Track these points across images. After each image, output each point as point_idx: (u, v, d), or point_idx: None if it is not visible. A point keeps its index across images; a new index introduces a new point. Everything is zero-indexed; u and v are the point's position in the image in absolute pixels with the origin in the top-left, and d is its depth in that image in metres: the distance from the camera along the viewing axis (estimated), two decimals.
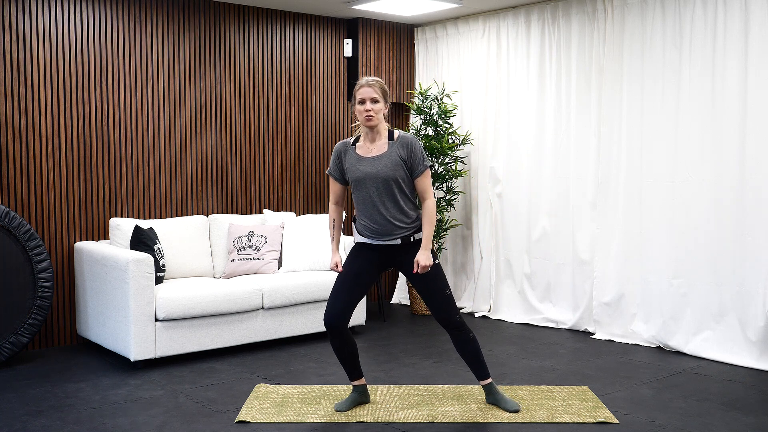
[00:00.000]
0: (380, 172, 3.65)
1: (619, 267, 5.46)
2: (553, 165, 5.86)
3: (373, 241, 3.73)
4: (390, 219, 3.68)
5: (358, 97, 3.68)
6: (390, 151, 3.68)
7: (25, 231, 4.76)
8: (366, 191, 3.68)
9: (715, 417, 3.83)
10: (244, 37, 6.02)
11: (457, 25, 6.54)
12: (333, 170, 3.81)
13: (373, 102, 3.66)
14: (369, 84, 3.69)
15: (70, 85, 5.22)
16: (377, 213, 3.68)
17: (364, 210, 3.71)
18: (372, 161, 3.67)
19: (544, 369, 4.73)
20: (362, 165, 3.68)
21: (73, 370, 4.70)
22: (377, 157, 3.68)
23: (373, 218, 3.69)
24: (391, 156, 3.67)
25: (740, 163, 4.79)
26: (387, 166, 3.65)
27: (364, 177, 3.67)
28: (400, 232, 3.70)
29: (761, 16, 4.68)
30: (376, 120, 3.67)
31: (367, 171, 3.66)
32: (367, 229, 3.73)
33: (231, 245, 5.51)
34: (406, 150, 3.68)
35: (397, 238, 3.71)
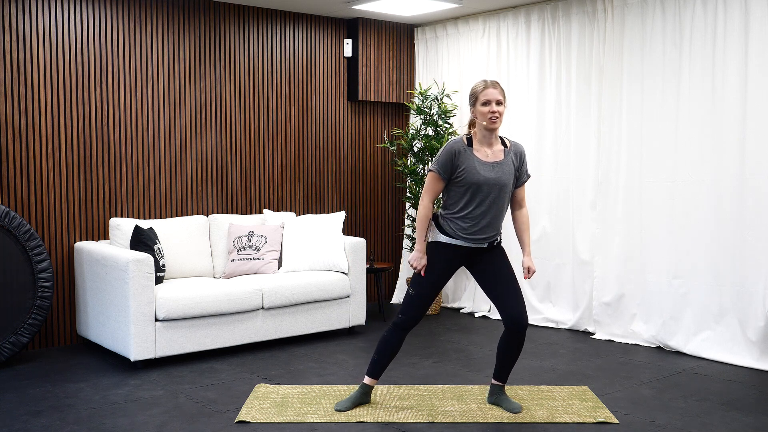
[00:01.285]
0: (500, 179, 3.64)
1: (619, 267, 5.46)
2: (553, 165, 5.86)
3: (465, 243, 3.69)
4: (495, 223, 3.70)
5: (482, 99, 3.61)
6: (507, 159, 3.69)
7: (25, 231, 4.76)
8: (480, 196, 3.63)
9: (715, 417, 3.83)
10: (244, 37, 6.02)
11: (457, 25, 6.54)
12: (444, 168, 3.64)
13: (498, 104, 3.61)
14: (493, 85, 3.63)
15: (70, 85, 5.22)
16: (487, 217, 3.66)
17: (472, 214, 3.65)
18: (492, 167, 3.65)
19: (544, 369, 4.73)
20: (483, 169, 3.63)
21: (73, 370, 4.70)
22: (498, 163, 3.66)
23: (478, 222, 3.66)
24: (509, 164, 3.69)
25: (740, 163, 4.79)
26: (506, 174, 3.67)
27: (485, 182, 3.62)
28: (492, 237, 3.73)
29: (761, 16, 4.68)
30: (500, 123, 3.63)
31: (488, 176, 3.63)
32: (464, 231, 3.67)
33: (231, 245, 5.51)
34: (518, 159, 3.73)
35: (485, 242, 3.72)
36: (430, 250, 3.76)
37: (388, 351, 3.86)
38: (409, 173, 6.40)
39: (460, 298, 6.63)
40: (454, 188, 3.68)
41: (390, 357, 3.88)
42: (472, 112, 3.68)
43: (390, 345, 3.84)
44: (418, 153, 6.35)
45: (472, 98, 3.66)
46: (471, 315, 6.38)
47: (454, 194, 3.69)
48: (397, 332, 3.82)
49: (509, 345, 3.80)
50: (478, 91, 3.63)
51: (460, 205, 3.67)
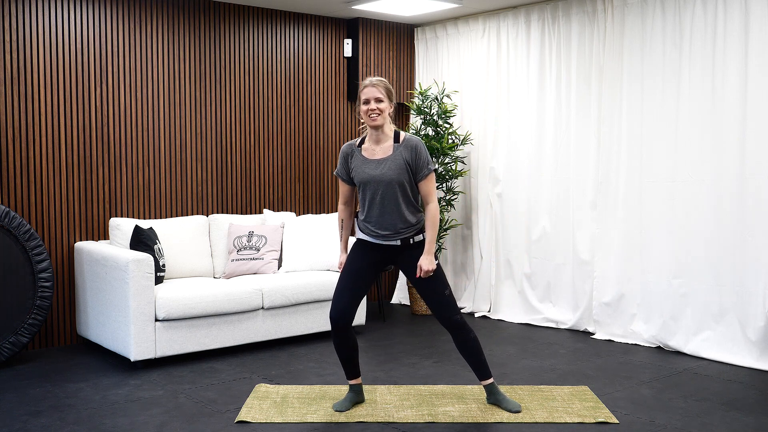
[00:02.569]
0: (384, 175, 3.65)
1: (619, 267, 5.46)
2: (553, 165, 5.86)
3: (374, 240, 3.75)
4: (392, 221, 3.69)
5: (363, 97, 3.67)
6: (395, 154, 3.68)
7: (25, 231, 4.76)
8: (370, 193, 3.69)
9: (715, 417, 3.83)
10: (244, 37, 6.02)
11: (457, 25, 6.54)
12: (340, 171, 3.84)
13: (377, 101, 3.64)
14: (373, 84, 3.67)
15: (70, 85, 5.22)
16: (380, 215, 3.69)
17: (367, 211, 3.73)
18: (377, 164, 3.68)
19: (544, 369, 4.73)
20: (367, 167, 3.69)
21: (73, 370, 4.70)
22: (382, 160, 3.68)
23: (374, 219, 3.71)
24: (396, 159, 3.67)
25: (740, 163, 4.79)
26: (391, 170, 3.65)
27: (369, 179, 3.68)
28: (400, 235, 3.71)
29: (761, 16, 4.68)
30: (380, 120, 3.65)
31: (372, 174, 3.67)
32: (368, 229, 3.75)
33: (231, 245, 5.51)
34: (411, 153, 3.67)
35: (397, 239, 3.72)
36: (353, 246, 3.88)
37: (344, 352, 3.84)
38: None
39: (460, 299, 6.63)
40: (357, 189, 3.80)
41: (350, 355, 3.85)
42: (358, 111, 3.74)
43: (341, 347, 3.82)
44: None
45: (357, 97, 3.74)
46: (471, 315, 6.38)
47: (358, 194, 3.82)
48: (336, 333, 3.79)
49: (457, 344, 3.86)
50: (359, 90, 3.71)
51: (361, 202, 3.79)
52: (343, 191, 3.88)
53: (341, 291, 3.78)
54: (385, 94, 3.67)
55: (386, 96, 3.67)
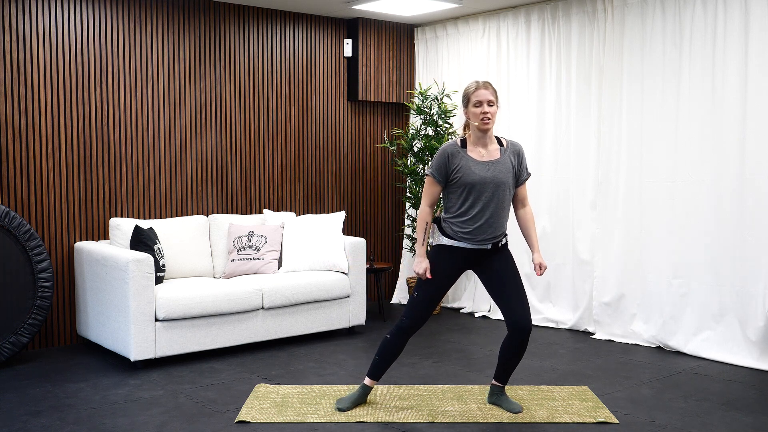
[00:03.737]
0: (497, 177, 3.63)
1: (619, 267, 5.46)
2: (553, 165, 5.86)
3: (467, 245, 3.68)
4: (496, 223, 3.67)
5: (474, 100, 3.61)
6: (504, 158, 3.68)
7: (25, 231, 4.76)
8: (476, 195, 3.63)
9: (715, 417, 3.83)
10: (244, 37, 6.02)
11: (457, 25, 6.54)
12: (438, 172, 3.66)
13: (489, 105, 3.61)
14: (485, 86, 3.62)
15: (70, 85, 5.22)
16: (486, 217, 3.64)
17: (470, 214, 3.64)
18: (488, 166, 3.64)
19: (544, 369, 4.73)
20: (478, 169, 3.63)
21: (73, 370, 4.70)
22: (493, 162, 3.65)
23: (478, 222, 3.64)
24: (506, 162, 3.67)
25: (740, 163, 4.79)
26: (503, 172, 3.65)
27: (481, 181, 3.62)
28: (496, 238, 3.70)
29: (761, 17, 4.68)
30: (491, 124, 3.63)
31: (484, 176, 3.62)
32: (465, 232, 3.66)
33: (231, 245, 5.51)
34: (516, 157, 3.72)
35: (489, 243, 3.70)
36: (434, 253, 3.76)
37: (390, 354, 3.85)
38: (409, 173, 6.40)
39: (460, 298, 6.63)
40: (452, 190, 3.68)
41: (391, 360, 3.88)
42: (465, 113, 3.69)
43: (392, 348, 3.83)
44: (418, 153, 6.35)
45: (465, 99, 3.67)
46: (471, 315, 6.38)
47: (452, 196, 3.69)
48: (400, 335, 3.80)
49: (512, 349, 3.79)
50: (470, 92, 3.64)
51: (459, 206, 3.66)
52: (433, 193, 3.71)
53: (427, 303, 3.74)
54: (496, 97, 3.64)
55: (496, 98, 3.64)
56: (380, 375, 3.92)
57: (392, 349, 3.84)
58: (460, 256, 3.72)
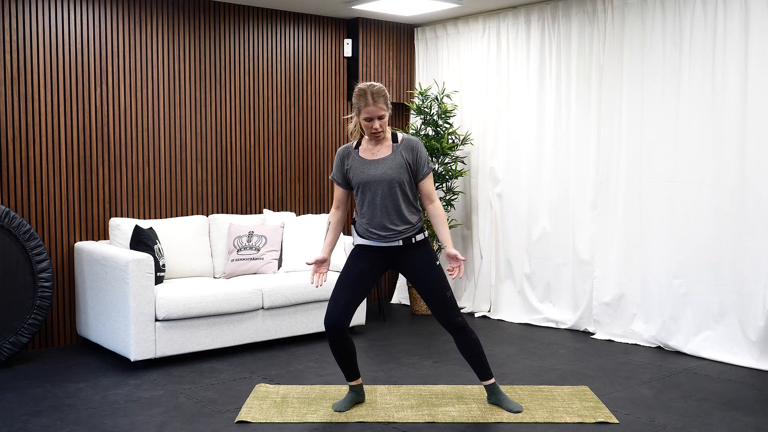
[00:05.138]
0: (385, 175, 3.64)
1: (619, 267, 5.46)
2: (553, 165, 5.86)
3: (375, 243, 3.73)
4: (393, 221, 3.68)
5: (364, 115, 3.61)
6: (394, 155, 3.68)
7: (25, 231, 4.76)
8: (370, 194, 3.67)
9: (715, 417, 3.83)
10: (244, 37, 6.02)
11: (457, 25, 6.54)
12: (336, 175, 3.79)
13: (380, 119, 3.61)
14: (374, 101, 3.57)
15: (70, 85, 5.22)
16: (380, 216, 3.68)
17: (367, 213, 3.71)
18: (376, 164, 3.67)
19: (544, 369, 4.73)
20: (367, 168, 3.68)
21: (73, 370, 4.70)
22: (381, 160, 3.67)
23: (375, 221, 3.69)
24: (396, 159, 3.67)
25: (740, 163, 4.79)
26: (392, 169, 3.65)
27: (369, 180, 3.66)
28: (401, 234, 3.70)
29: (761, 16, 4.68)
30: (383, 135, 3.67)
31: (372, 174, 3.66)
32: (368, 231, 3.72)
33: (231, 245, 5.51)
34: (411, 153, 3.68)
35: (399, 240, 3.71)
36: (352, 251, 3.85)
37: (342, 356, 3.81)
38: None
39: (460, 298, 6.63)
40: (354, 191, 3.76)
41: (348, 359, 3.83)
42: (357, 120, 3.68)
43: (337, 351, 3.79)
44: None
45: (356, 109, 3.65)
46: (471, 315, 6.38)
47: (356, 197, 3.77)
48: (332, 338, 3.75)
49: (461, 347, 3.84)
50: (360, 107, 3.61)
51: (359, 206, 3.75)
52: (337, 195, 3.84)
53: (337, 296, 3.75)
54: (386, 107, 3.62)
55: (387, 108, 3.63)
56: (354, 374, 3.90)
57: (338, 352, 3.79)
58: (374, 254, 3.76)
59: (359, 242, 3.79)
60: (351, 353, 3.83)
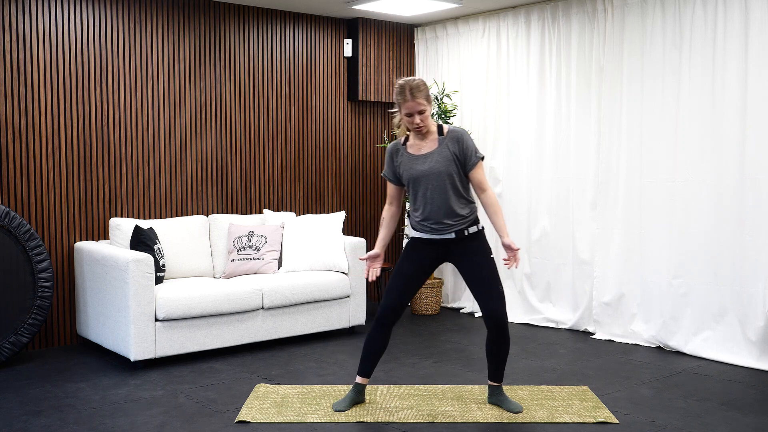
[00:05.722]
0: (432, 169, 3.67)
1: (619, 267, 5.46)
2: (553, 165, 5.86)
3: (428, 236, 3.76)
4: (444, 215, 3.70)
5: (404, 111, 3.64)
6: (441, 148, 3.70)
7: (25, 231, 4.76)
8: (421, 189, 3.70)
9: (715, 417, 3.83)
10: (244, 37, 6.02)
11: (457, 25, 6.54)
12: (387, 172, 3.84)
13: (420, 114, 3.63)
14: (413, 96, 3.59)
15: (70, 85, 5.22)
16: (432, 209, 3.71)
17: (420, 207, 3.74)
18: (424, 159, 3.70)
19: (544, 369, 4.73)
20: (415, 163, 3.71)
21: (73, 370, 4.70)
22: (429, 154, 3.70)
23: (427, 214, 3.72)
24: (443, 152, 3.69)
25: (740, 163, 4.79)
26: (439, 163, 3.68)
27: (418, 175, 3.69)
28: (454, 227, 3.72)
29: (761, 16, 4.68)
30: (425, 128, 3.69)
31: (420, 169, 3.69)
32: (421, 224, 3.76)
33: (231, 245, 5.51)
34: (456, 144, 3.70)
35: (452, 232, 3.73)
36: (406, 245, 3.89)
37: (374, 348, 3.85)
38: None
39: (460, 298, 6.63)
40: (406, 187, 3.81)
41: (377, 354, 3.87)
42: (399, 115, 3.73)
43: (374, 342, 3.84)
44: None
45: (397, 104, 3.69)
46: (471, 315, 6.38)
47: (408, 192, 3.82)
48: (377, 327, 3.82)
49: (492, 343, 3.82)
50: (400, 103, 3.65)
51: (412, 201, 3.80)
52: (389, 191, 3.90)
53: (393, 289, 3.80)
54: (426, 101, 3.63)
55: (427, 103, 3.64)
56: (370, 371, 3.92)
57: (374, 343, 3.84)
58: (428, 247, 3.79)
59: (414, 235, 3.83)
60: (382, 350, 3.88)
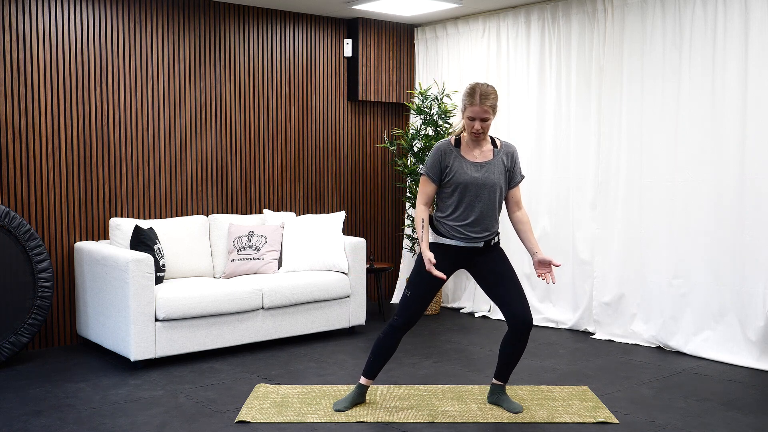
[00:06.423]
0: (488, 178, 3.66)
1: (619, 267, 5.46)
2: (553, 165, 5.86)
3: (459, 243, 3.70)
4: (486, 224, 3.69)
5: (468, 114, 3.61)
6: (496, 159, 3.70)
7: (25, 231, 4.76)
8: (470, 196, 3.65)
9: (715, 417, 3.83)
10: (244, 37, 6.02)
11: (457, 25, 6.54)
12: (433, 170, 3.69)
13: (483, 121, 3.60)
14: (481, 102, 3.56)
15: (70, 85, 5.22)
16: (477, 218, 3.67)
17: (462, 214, 3.67)
18: (482, 167, 3.67)
19: (544, 369, 4.73)
20: (471, 170, 3.66)
21: (73, 370, 4.70)
22: (485, 164, 3.68)
23: (468, 221, 3.67)
24: (498, 164, 3.69)
25: (740, 163, 4.79)
26: (495, 174, 3.67)
27: (473, 182, 3.65)
28: (486, 237, 3.72)
29: (761, 16, 4.68)
30: (484, 137, 3.67)
31: (475, 176, 3.65)
32: (456, 230, 3.69)
33: (231, 245, 5.51)
34: (510, 159, 3.73)
35: (481, 242, 3.72)
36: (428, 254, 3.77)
37: (384, 353, 3.85)
38: (409, 173, 6.40)
39: (460, 298, 6.63)
40: (445, 190, 3.71)
41: (386, 358, 3.87)
42: (462, 115, 3.69)
43: (386, 347, 3.83)
44: (418, 153, 6.35)
45: (463, 106, 3.66)
46: (471, 315, 6.38)
47: (445, 196, 3.72)
48: (393, 334, 3.80)
49: (513, 345, 3.78)
50: (466, 104, 3.62)
51: (451, 205, 3.69)
52: (428, 191, 3.73)
53: (420, 301, 3.75)
54: (492, 111, 3.60)
55: (492, 112, 3.61)
56: (375, 374, 3.92)
57: (386, 348, 3.84)
58: (453, 255, 3.74)
59: (439, 241, 3.74)
60: (392, 355, 3.88)
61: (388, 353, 3.86)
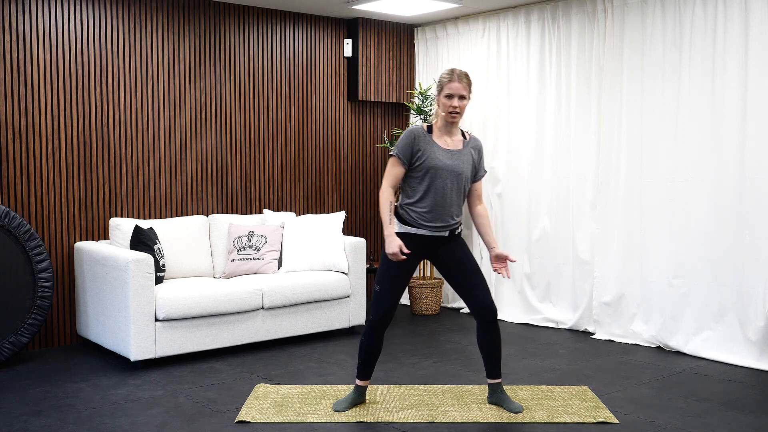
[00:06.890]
0: (458, 167, 3.69)
1: (619, 267, 5.46)
2: (553, 165, 5.86)
3: (424, 232, 3.71)
4: (452, 212, 3.72)
5: (446, 91, 3.63)
6: (466, 150, 3.75)
7: (25, 231, 4.76)
8: (438, 182, 3.67)
9: (715, 417, 3.83)
10: (244, 37, 6.02)
11: (457, 25, 6.54)
12: (403, 152, 3.66)
13: (460, 99, 3.63)
14: (459, 78, 3.62)
15: (70, 85, 5.22)
16: (443, 204, 3.69)
17: (429, 201, 3.68)
18: (452, 155, 3.70)
19: (544, 369, 4.73)
20: (442, 156, 3.68)
21: (73, 370, 4.70)
22: (457, 152, 3.72)
23: (436, 208, 3.69)
24: (467, 155, 3.74)
25: (740, 163, 4.79)
26: (464, 163, 3.71)
27: (443, 167, 3.66)
28: (451, 226, 3.75)
29: (761, 16, 4.68)
30: (459, 119, 3.69)
31: (446, 163, 3.67)
32: (422, 218, 3.69)
33: (231, 245, 5.51)
34: (477, 153, 3.79)
35: (446, 231, 3.74)
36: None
37: (370, 352, 3.84)
38: None
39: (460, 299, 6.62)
40: (414, 175, 3.70)
41: (373, 358, 3.87)
42: (437, 100, 3.71)
43: (370, 347, 3.83)
44: None
45: (439, 86, 3.69)
46: (471, 315, 6.37)
47: (413, 182, 3.71)
48: (372, 333, 3.79)
49: (484, 336, 3.82)
50: (443, 82, 3.66)
51: (419, 192, 3.69)
52: (396, 173, 3.69)
53: (390, 295, 3.74)
54: (468, 90, 3.66)
55: (468, 93, 3.66)
56: (369, 374, 3.92)
57: (370, 348, 3.83)
58: (418, 244, 3.74)
59: (403, 230, 3.72)
60: (378, 352, 3.87)
61: (375, 352, 3.85)
